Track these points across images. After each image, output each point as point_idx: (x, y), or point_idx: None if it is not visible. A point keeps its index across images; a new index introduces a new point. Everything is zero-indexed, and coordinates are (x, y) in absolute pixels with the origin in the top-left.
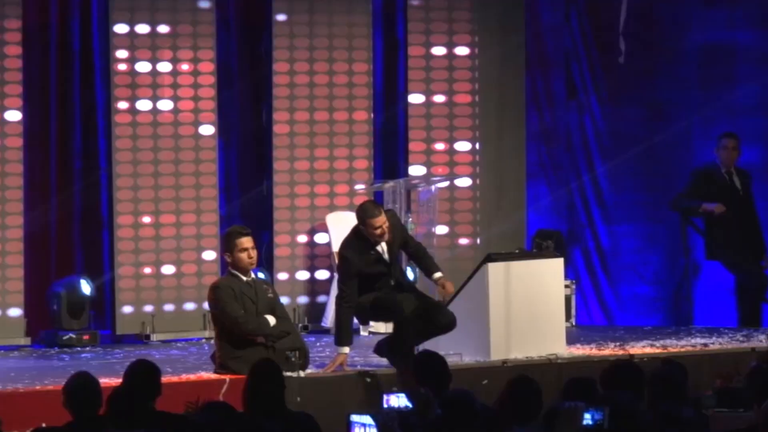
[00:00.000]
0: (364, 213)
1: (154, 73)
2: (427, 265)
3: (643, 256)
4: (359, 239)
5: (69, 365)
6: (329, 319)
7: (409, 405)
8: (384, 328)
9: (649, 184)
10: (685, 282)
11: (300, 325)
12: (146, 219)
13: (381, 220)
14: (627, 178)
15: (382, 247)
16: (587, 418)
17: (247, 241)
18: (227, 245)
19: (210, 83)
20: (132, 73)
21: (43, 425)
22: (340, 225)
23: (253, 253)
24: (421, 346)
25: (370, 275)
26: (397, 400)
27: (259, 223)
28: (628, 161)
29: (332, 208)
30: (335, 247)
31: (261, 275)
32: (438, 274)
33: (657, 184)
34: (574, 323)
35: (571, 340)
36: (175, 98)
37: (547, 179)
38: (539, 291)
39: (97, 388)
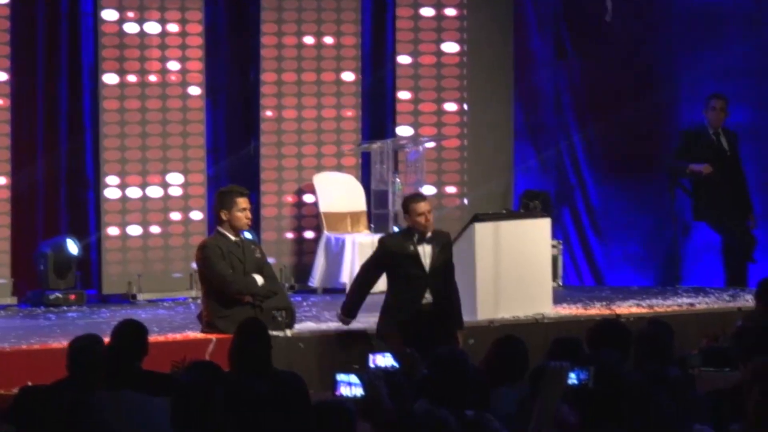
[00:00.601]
0: (407, 199)
1: (142, 34)
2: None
3: (632, 217)
4: (405, 234)
5: (55, 325)
6: (316, 279)
7: (395, 365)
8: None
9: (638, 146)
10: (674, 242)
11: (287, 285)
12: (133, 179)
13: (425, 207)
14: (615, 139)
15: (424, 249)
16: (572, 378)
17: (245, 202)
18: (225, 203)
19: (198, 44)
20: (119, 33)
21: (29, 383)
22: (327, 185)
23: (250, 215)
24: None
25: (405, 273)
26: (383, 360)
27: (247, 183)
28: (616, 122)
29: (319, 168)
30: (322, 208)
31: (248, 235)
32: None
33: (645, 146)
34: (560, 283)
35: (557, 300)
36: (163, 59)
37: (535, 140)
38: (526, 251)
39: (101, 350)
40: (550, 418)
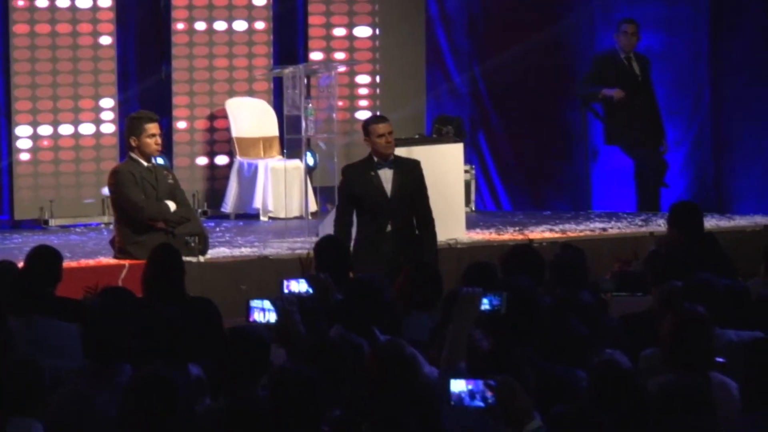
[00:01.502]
0: (366, 121)
1: None
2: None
3: (544, 141)
4: (365, 161)
5: None
6: (229, 205)
7: (309, 290)
8: (283, 213)
9: (550, 71)
10: (585, 167)
11: (199, 210)
12: (44, 104)
13: (384, 128)
14: (529, 64)
15: (386, 175)
16: (485, 303)
17: (155, 127)
18: (134, 130)
19: None
20: None
21: None
22: (239, 110)
23: (160, 140)
24: (323, 232)
25: (367, 200)
26: (297, 286)
27: (158, 108)
28: (529, 47)
29: (231, 93)
30: (234, 133)
31: (161, 161)
32: None
33: (558, 71)
34: (473, 208)
35: (470, 225)
36: None
37: (447, 65)
38: (439, 176)
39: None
40: (463, 343)
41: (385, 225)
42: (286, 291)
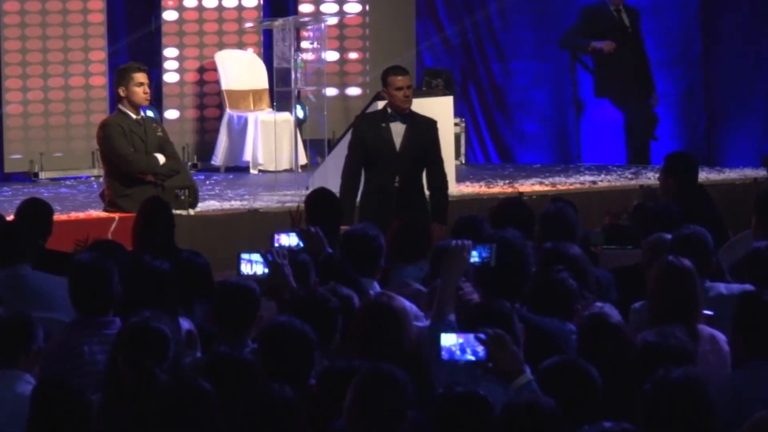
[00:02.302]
0: (386, 71)
1: None
2: (432, 201)
3: (533, 95)
4: (379, 112)
5: None
6: (218, 158)
7: (300, 244)
8: (273, 166)
9: (538, 22)
10: (575, 120)
11: (189, 163)
12: (34, 57)
13: (403, 81)
14: (517, 15)
15: (398, 128)
16: (474, 256)
17: (143, 77)
18: (122, 79)
19: None
20: None
21: None
22: (229, 63)
23: (148, 90)
24: (313, 185)
25: (375, 152)
26: (288, 239)
27: (148, 61)
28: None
29: (221, 46)
30: (224, 85)
31: (150, 114)
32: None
33: (546, 22)
34: (463, 161)
35: (460, 178)
36: None
37: (438, 16)
38: None
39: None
40: (452, 296)
41: (392, 180)
42: (276, 245)
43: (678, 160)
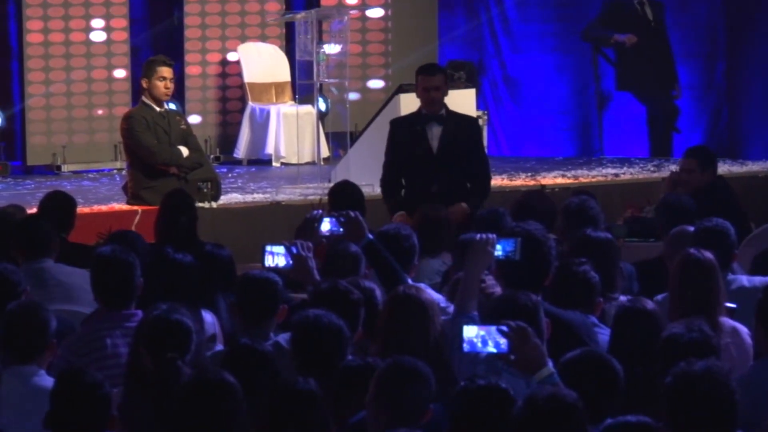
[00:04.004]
0: (420, 67)
1: None
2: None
3: (553, 87)
4: (414, 115)
5: None
6: (241, 150)
7: (340, 230)
8: (296, 159)
9: (559, 14)
10: (595, 112)
11: (212, 156)
12: (56, 50)
13: (435, 81)
14: (535, 8)
15: (433, 129)
16: (498, 250)
17: (167, 71)
18: (147, 72)
19: None
20: None
21: None
22: (251, 55)
23: (170, 85)
24: (335, 178)
25: (410, 160)
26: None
27: (170, 54)
28: None
29: (243, 38)
30: (247, 78)
31: (173, 106)
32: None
33: (568, 14)
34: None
35: None
36: None
37: (460, 9)
38: None
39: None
40: (475, 290)
41: (430, 185)
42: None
43: (707, 152)
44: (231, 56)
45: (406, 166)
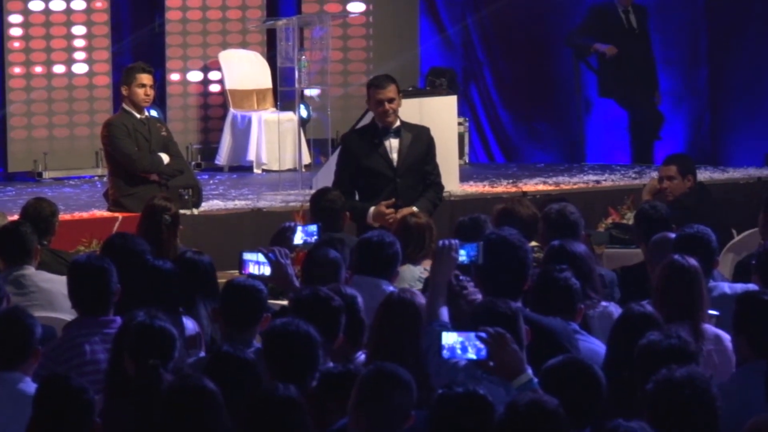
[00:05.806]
0: (369, 82)
1: None
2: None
3: (538, 94)
4: (368, 128)
5: None
6: (222, 157)
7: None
8: (277, 165)
9: (545, 20)
10: (578, 119)
11: (193, 163)
12: (38, 56)
13: (387, 93)
14: (521, 14)
15: (391, 143)
16: (462, 255)
17: (146, 78)
18: (127, 78)
19: None
20: None
21: None
22: (232, 62)
23: (150, 92)
24: (316, 185)
25: (371, 175)
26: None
27: (151, 60)
28: None
29: (225, 45)
30: (228, 85)
31: (154, 113)
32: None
33: (553, 20)
34: (467, 161)
35: (464, 177)
36: None
37: (441, 16)
38: (432, 129)
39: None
40: (443, 295)
41: (393, 197)
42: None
43: (687, 159)
44: (212, 63)
45: (364, 179)
